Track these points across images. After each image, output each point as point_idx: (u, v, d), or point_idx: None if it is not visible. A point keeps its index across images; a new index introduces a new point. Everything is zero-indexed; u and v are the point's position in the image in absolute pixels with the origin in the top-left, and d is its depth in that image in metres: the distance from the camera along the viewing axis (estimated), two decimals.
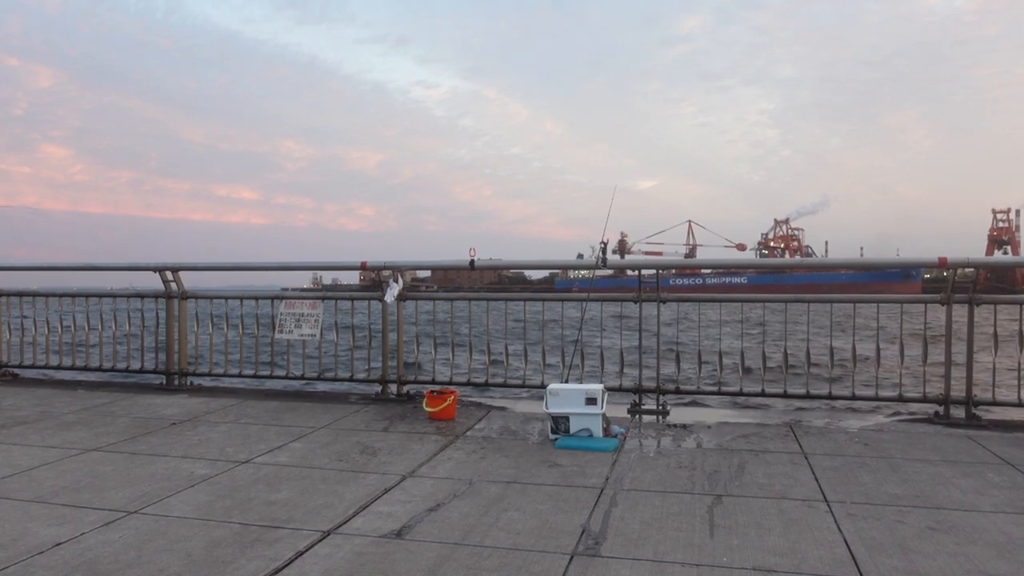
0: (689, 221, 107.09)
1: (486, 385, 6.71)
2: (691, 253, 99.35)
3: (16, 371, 8.20)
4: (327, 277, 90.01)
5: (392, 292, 6.60)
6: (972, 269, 5.80)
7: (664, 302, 6.19)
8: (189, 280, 7.60)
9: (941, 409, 5.73)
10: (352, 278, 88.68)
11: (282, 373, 7.30)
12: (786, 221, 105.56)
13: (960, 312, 5.72)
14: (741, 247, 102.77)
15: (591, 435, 4.98)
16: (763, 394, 6.06)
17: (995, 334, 5.77)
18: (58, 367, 7.99)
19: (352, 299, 7.23)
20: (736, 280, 71.69)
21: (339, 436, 5.26)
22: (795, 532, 3.33)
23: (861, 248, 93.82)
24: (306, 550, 3.16)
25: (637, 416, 5.89)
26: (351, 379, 7.04)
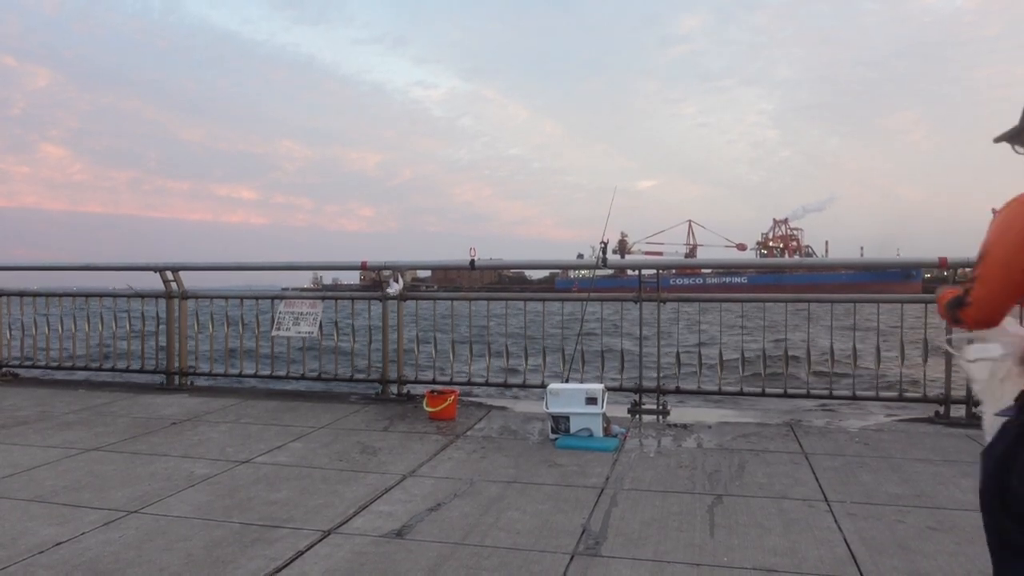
0: (689, 221, 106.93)
1: (486, 385, 6.70)
2: (691, 253, 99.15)
3: (16, 371, 8.20)
4: (327, 277, 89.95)
5: (394, 288, 6.64)
6: (972, 269, 5.80)
7: (664, 302, 6.19)
8: (189, 280, 7.61)
9: (941, 409, 5.72)
10: (352, 278, 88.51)
11: (282, 373, 7.30)
12: (785, 221, 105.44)
13: None
14: (741, 247, 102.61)
15: (591, 435, 4.98)
16: (763, 394, 6.06)
17: None
18: (58, 367, 8.00)
19: (352, 299, 7.24)
20: (736, 280, 71.65)
21: (339, 436, 5.26)
22: (795, 532, 3.33)
23: (861, 248, 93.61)
24: (306, 550, 3.16)
25: (637, 416, 5.89)
26: (351, 379, 7.04)
